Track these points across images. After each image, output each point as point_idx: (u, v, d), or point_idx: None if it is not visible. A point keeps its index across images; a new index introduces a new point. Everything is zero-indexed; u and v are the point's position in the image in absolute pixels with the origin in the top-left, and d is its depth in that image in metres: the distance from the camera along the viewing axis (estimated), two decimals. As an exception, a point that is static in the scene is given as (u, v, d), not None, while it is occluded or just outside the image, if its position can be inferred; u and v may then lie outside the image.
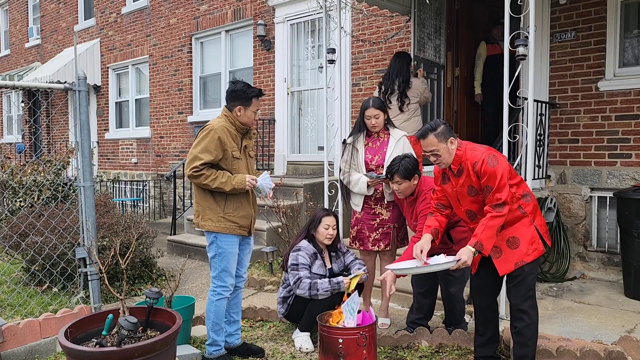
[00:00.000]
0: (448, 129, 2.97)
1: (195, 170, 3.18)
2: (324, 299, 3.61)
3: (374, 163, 3.95)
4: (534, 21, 3.78)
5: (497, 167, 2.83)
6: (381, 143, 3.99)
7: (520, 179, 3.01)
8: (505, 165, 2.89)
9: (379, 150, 3.97)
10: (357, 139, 4.03)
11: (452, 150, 2.95)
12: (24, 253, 4.73)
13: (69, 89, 3.73)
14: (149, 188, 10.60)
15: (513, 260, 2.90)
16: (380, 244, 3.96)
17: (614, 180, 5.08)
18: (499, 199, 2.81)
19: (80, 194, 3.79)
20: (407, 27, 6.59)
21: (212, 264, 3.37)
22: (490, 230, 2.82)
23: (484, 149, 2.94)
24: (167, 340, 2.71)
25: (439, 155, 2.95)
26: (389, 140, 3.97)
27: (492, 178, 2.83)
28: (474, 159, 2.90)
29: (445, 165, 3.02)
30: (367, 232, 3.98)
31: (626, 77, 5.04)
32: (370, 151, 3.98)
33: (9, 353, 3.38)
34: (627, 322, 3.90)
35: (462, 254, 2.86)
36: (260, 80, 8.46)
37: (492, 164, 2.84)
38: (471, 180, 2.93)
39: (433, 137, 2.93)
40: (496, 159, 2.86)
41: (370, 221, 3.98)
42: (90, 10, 12.31)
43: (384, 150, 3.95)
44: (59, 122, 13.44)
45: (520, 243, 2.91)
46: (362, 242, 4.01)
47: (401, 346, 3.62)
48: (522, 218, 2.94)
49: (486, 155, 2.87)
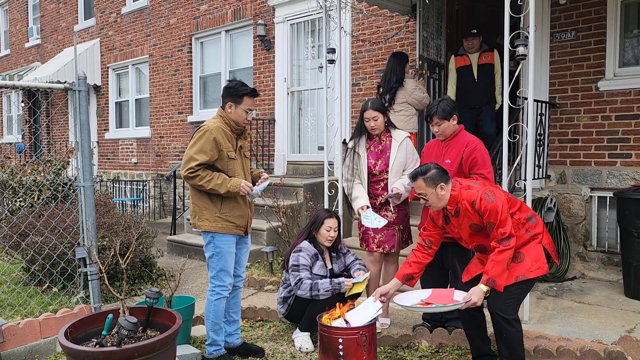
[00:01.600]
0: (440, 173, 2.97)
1: (190, 171, 3.18)
2: (324, 299, 3.61)
3: (377, 168, 3.89)
4: (534, 21, 3.78)
5: (496, 202, 2.84)
6: (383, 147, 3.92)
7: (520, 203, 3.03)
8: (503, 197, 2.92)
9: (381, 154, 3.91)
10: (358, 142, 3.95)
11: (441, 195, 2.96)
12: (24, 253, 4.72)
13: (69, 88, 3.73)
14: (149, 188, 10.60)
15: (515, 273, 2.90)
16: (385, 246, 3.91)
17: (614, 180, 5.08)
18: (504, 233, 2.82)
19: (80, 194, 3.79)
20: (407, 27, 6.59)
21: (210, 264, 3.37)
22: (500, 265, 2.82)
23: (479, 187, 2.96)
24: (167, 340, 2.71)
25: (426, 199, 3.00)
26: (391, 144, 3.90)
27: (493, 214, 2.84)
28: (470, 198, 2.91)
29: (436, 209, 3.05)
30: (372, 233, 3.95)
31: (626, 77, 5.05)
32: (373, 155, 3.92)
33: (9, 353, 3.38)
34: (627, 322, 3.90)
35: (472, 294, 2.85)
36: (260, 80, 8.47)
37: (490, 200, 2.85)
38: (471, 219, 2.95)
39: (421, 181, 2.96)
40: (493, 194, 2.88)
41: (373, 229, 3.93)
42: (90, 10, 12.32)
43: (386, 155, 3.89)
44: (59, 122, 13.44)
45: (525, 259, 2.92)
46: (367, 243, 3.98)
47: (401, 346, 3.62)
48: (531, 240, 2.96)
49: (482, 193, 2.89)
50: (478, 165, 3.53)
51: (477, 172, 3.53)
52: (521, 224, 2.96)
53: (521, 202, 3.04)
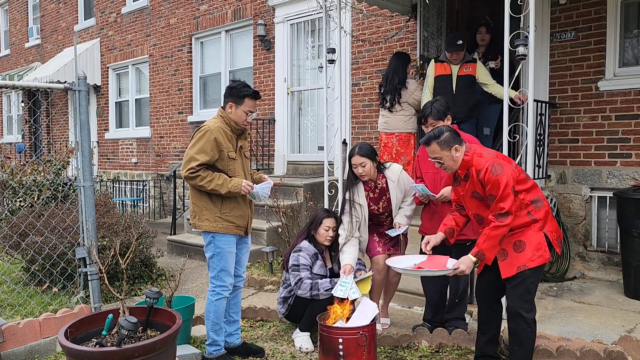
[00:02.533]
0: (453, 136, 2.96)
1: (191, 171, 3.18)
2: (324, 299, 3.60)
3: (381, 211, 3.83)
4: (534, 21, 3.78)
5: (501, 176, 2.79)
6: (380, 189, 3.80)
7: (533, 184, 2.96)
8: (510, 173, 2.84)
9: (380, 197, 3.81)
10: (355, 192, 3.77)
11: (456, 157, 2.94)
12: (24, 253, 4.72)
13: (69, 88, 3.73)
14: (149, 188, 10.60)
15: (516, 264, 2.88)
16: (390, 248, 3.91)
17: (614, 180, 5.08)
18: (502, 208, 2.79)
19: (80, 194, 3.79)
20: (407, 27, 6.59)
21: (210, 264, 3.37)
22: (492, 240, 2.83)
23: (491, 156, 2.91)
24: (167, 340, 2.71)
25: (442, 162, 2.98)
26: (388, 185, 3.78)
27: (495, 187, 2.81)
28: (479, 166, 2.89)
29: (450, 171, 3.04)
30: (376, 238, 3.92)
31: (626, 77, 5.05)
32: (373, 201, 3.81)
33: (9, 353, 3.38)
34: (627, 321, 3.90)
35: (461, 263, 2.87)
36: (260, 80, 8.47)
37: (495, 173, 2.81)
38: (474, 187, 2.93)
39: (436, 145, 2.95)
40: (501, 167, 2.82)
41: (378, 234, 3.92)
42: (90, 10, 12.31)
43: (387, 196, 3.79)
44: (59, 122, 13.44)
45: (526, 247, 2.88)
46: (371, 251, 3.91)
47: (401, 346, 3.62)
48: (531, 224, 2.91)
49: (490, 164, 2.84)
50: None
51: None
52: (525, 205, 2.90)
53: (534, 184, 2.96)
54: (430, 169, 3.67)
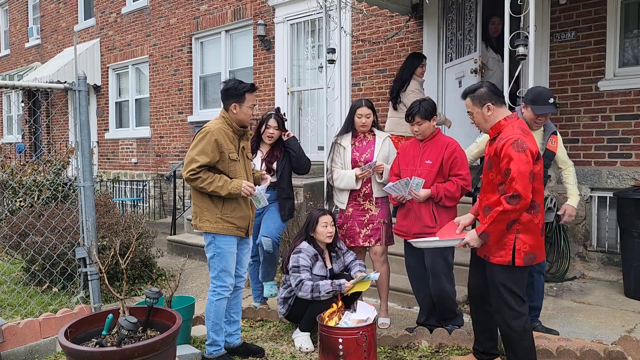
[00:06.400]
0: (488, 93, 2.84)
1: (192, 173, 3.18)
2: (325, 300, 3.60)
3: (362, 160, 3.98)
4: (534, 21, 3.79)
5: (520, 155, 2.62)
6: (367, 142, 4.05)
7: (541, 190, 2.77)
8: (530, 156, 2.65)
9: (366, 148, 4.02)
10: (343, 137, 4.09)
11: (487, 116, 2.85)
12: (24, 253, 4.73)
13: (69, 88, 3.73)
14: (149, 188, 10.60)
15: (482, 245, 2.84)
16: (371, 240, 3.96)
17: (614, 180, 5.08)
18: (515, 189, 2.61)
19: (80, 194, 3.80)
20: (407, 27, 6.59)
21: (211, 265, 3.37)
22: (499, 224, 2.70)
23: (520, 134, 2.70)
24: (167, 340, 2.71)
25: (472, 117, 2.94)
26: (375, 140, 4.03)
27: (510, 162, 2.63)
28: (505, 135, 2.73)
29: (482, 129, 2.96)
30: (357, 229, 3.98)
31: (626, 77, 5.05)
32: (358, 149, 4.03)
33: (9, 353, 3.38)
34: (627, 322, 3.91)
35: (468, 236, 2.85)
36: (260, 80, 8.47)
37: (517, 149, 2.63)
38: (491, 153, 2.82)
39: (469, 99, 2.93)
40: (523, 146, 2.63)
41: (360, 217, 3.98)
42: (90, 10, 12.31)
43: (372, 149, 4.00)
44: (59, 122, 13.44)
45: (490, 239, 2.78)
46: (353, 238, 4.01)
47: (401, 346, 3.62)
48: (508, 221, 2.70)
49: (514, 138, 2.66)
50: (458, 166, 3.59)
51: (457, 173, 3.58)
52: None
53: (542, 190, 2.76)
54: (409, 166, 3.71)
